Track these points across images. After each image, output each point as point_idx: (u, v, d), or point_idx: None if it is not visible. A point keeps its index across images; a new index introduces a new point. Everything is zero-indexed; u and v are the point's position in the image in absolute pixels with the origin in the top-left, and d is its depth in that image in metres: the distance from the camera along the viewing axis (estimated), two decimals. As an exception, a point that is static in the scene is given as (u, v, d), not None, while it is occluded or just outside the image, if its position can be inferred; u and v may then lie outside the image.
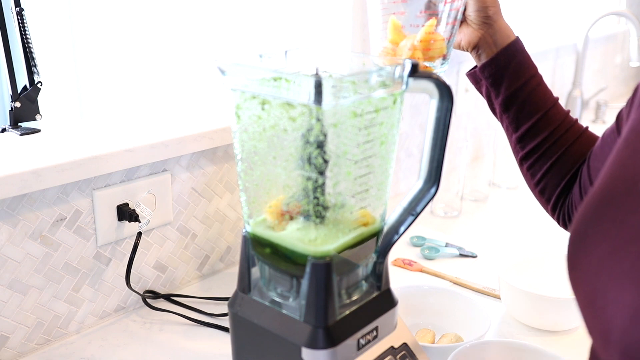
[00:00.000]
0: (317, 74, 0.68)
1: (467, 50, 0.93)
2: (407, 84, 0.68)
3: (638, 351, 0.50)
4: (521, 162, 0.95)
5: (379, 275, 0.74)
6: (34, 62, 1.02)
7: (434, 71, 0.78)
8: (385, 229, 0.74)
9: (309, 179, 0.65)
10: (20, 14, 0.99)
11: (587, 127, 0.94)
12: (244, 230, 0.73)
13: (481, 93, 0.95)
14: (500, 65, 0.90)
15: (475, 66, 0.94)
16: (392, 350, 0.74)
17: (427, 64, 0.86)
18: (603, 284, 0.57)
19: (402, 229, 0.74)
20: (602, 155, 0.84)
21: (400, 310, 0.77)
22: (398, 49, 0.86)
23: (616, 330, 0.53)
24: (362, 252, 0.71)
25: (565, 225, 0.95)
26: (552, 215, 0.96)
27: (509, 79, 0.90)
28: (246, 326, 0.73)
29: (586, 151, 0.90)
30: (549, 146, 0.91)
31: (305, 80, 0.61)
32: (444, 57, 0.88)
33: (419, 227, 1.39)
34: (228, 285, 1.14)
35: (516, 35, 0.92)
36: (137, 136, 1.01)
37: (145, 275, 1.07)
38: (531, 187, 0.96)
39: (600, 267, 0.58)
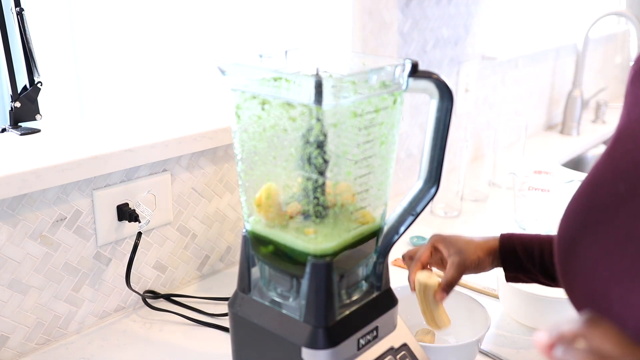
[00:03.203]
0: (317, 74, 0.68)
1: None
2: (407, 84, 0.68)
3: None
4: None
5: (379, 275, 0.74)
6: (34, 62, 1.02)
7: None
8: (385, 229, 0.74)
9: (309, 179, 0.65)
10: (20, 14, 0.99)
11: None
12: (244, 230, 0.73)
13: (527, 282, 0.94)
14: (517, 264, 0.89)
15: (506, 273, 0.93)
16: (392, 350, 0.74)
17: None
18: (602, 285, 0.58)
19: (402, 229, 0.74)
20: None
21: (400, 310, 0.77)
22: None
23: (629, 330, 0.54)
24: (362, 252, 0.71)
25: None
26: None
27: (528, 263, 0.89)
28: (246, 326, 0.73)
29: None
30: None
31: (305, 80, 0.61)
32: None
33: (419, 227, 1.39)
34: (228, 285, 1.14)
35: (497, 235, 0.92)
36: (137, 136, 1.01)
37: (145, 275, 1.07)
38: None
39: (596, 269, 0.60)
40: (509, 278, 0.93)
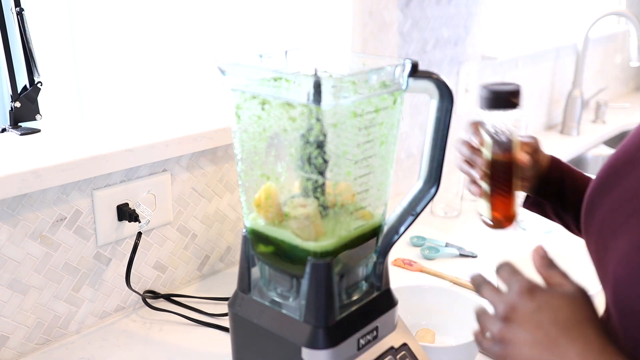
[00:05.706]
0: (316, 74, 0.68)
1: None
2: (407, 84, 0.68)
3: (623, 286, 0.60)
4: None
5: (379, 275, 0.74)
6: (34, 62, 1.02)
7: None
8: (385, 229, 0.74)
9: (309, 179, 0.65)
10: (20, 14, 0.99)
11: None
12: (244, 230, 0.73)
13: (544, 214, 0.94)
14: (557, 184, 0.88)
15: (528, 196, 0.92)
16: (392, 350, 0.74)
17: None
18: (605, 239, 0.66)
19: (402, 229, 0.74)
20: None
21: (400, 310, 0.77)
22: None
23: (610, 273, 0.63)
24: (362, 252, 0.71)
25: None
26: None
27: (569, 190, 0.88)
28: (246, 326, 0.73)
29: None
30: None
31: (305, 81, 0.61)
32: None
33: (419, 227, 1.39)
34: (228, 285, 1.14)
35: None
36: (137, 136, 1.01)
37: (145, 275, 1.07)
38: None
39: (603, 226, 0.67)
40: (533, 204, 0.93)
